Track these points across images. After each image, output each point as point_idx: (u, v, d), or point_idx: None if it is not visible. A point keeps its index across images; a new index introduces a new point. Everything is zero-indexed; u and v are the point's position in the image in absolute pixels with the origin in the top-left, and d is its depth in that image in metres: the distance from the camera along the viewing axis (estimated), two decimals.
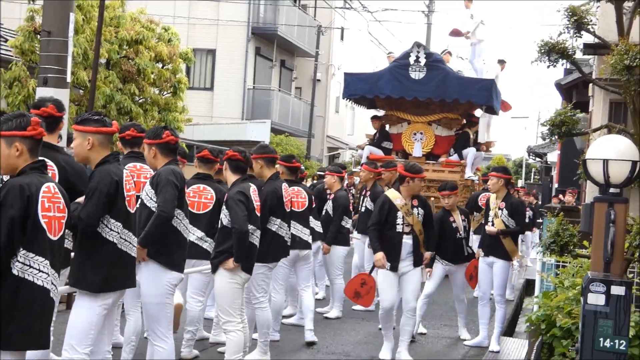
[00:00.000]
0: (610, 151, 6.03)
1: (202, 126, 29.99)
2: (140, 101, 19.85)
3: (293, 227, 9.21)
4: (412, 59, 17.30)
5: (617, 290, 5.52)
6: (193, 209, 7.94)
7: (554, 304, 7.36)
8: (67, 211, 4.86)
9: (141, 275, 6.42)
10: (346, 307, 11.54)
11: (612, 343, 5.52)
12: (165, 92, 20.66)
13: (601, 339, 5.53)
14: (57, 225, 4.73)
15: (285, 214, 8.43)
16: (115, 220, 5.55)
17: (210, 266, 7.41)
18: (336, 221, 10.91)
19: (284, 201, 8.38)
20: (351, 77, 18.28)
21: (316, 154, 38.13)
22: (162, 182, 6.41)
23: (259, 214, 7.51)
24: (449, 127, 17.89)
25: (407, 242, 8.83)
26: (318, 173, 16.95)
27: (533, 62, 8.47)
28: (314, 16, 39.33)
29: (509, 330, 12.18)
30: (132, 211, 5.76)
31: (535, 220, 21.02)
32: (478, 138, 18.35)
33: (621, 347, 5.51)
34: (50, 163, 5.99)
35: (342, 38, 42.48)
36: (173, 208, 6.40)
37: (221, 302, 7.26)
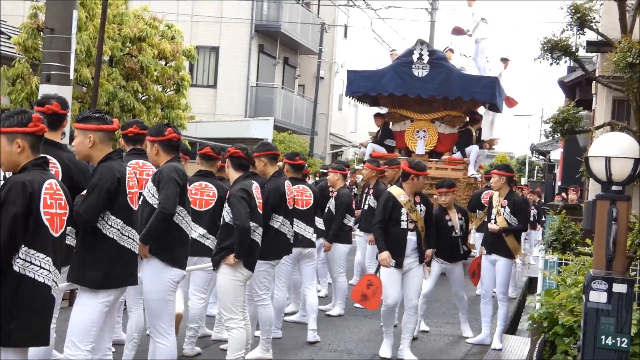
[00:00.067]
0: (612, 149, 6.01)
1: (205, 123, 30.02)
2: (143, 98, 19.87)
3: (296, 225, 9.20)
4: (416, 57, 17.27)
5: (619, 288, 5.51)
6: (195, 207, 7.92)
7: (556, 302, 7.33)
8: (69, 208, 4.86)
9: (143, 272, 6.43)
10: (348, 305, 11.54)
11: (614, 341, 5.50)
12: (168, 90, 20.67)
13: (603, 337, 5.51)
14: (59, 222, 4.72)
15: (287, 212, 8.43)
16: (115, 217, 5.55)
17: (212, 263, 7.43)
18: (338, 219, 10.89)
19: (287, 198, 8.38)
20: (354, 75, 18.25)
21: (319, 152, 38.14)
22: (164, 179, 6.41)
23: (262, 212, 7.52)
24: (452, 125, 17.86)
25: (412, 239, 8.84)
26: (321, 170, 16.95)
27: (536, 60, 8.46)
28: (318, 13, 39.34)
29: (512, 328, 12.18)
30: (135, 208, 5.77)
31: (540, 218, 21.01)
32: (481, 136, 18.34)
33: (623, 345, 5.49)
34: (53, 161, 5.99)
35: (346, 35, 42.47)
36: (174, 205, 6.40)
37: (223, 300, 7.27)
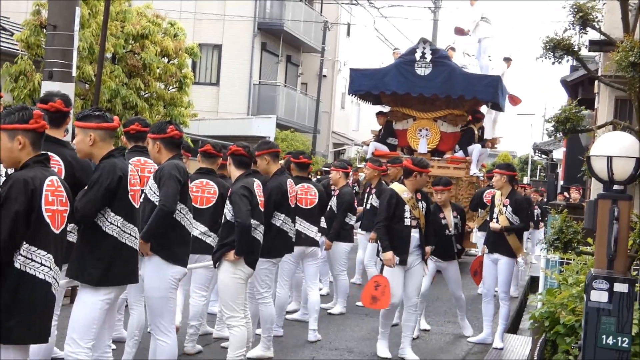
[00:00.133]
0: (614, 148, 6.00)
1: (208, 121, 30.04)
2: (145, 96, 19.87)
3: (299, 224, 9.20)
4: (418, 55, 17.23)
5: (620, 287, 5.49)
6: (196, 204, 7.91)
7: (558, 301, 7.31)
8: (70, 204, 4.86)
9: (144, 269, 6.43)
10: (349, 303, 11.55)
11: (615, 340, 5.49)
12: (170, 87, 20.67)
13: (604, 337, 5.50)
14: (60, 218, 4.72)
15: (289, 210, 8.43)
16: (115, 214, 5.55)
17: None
18: (339, 217, 10.84)
19: (289, 196, 8.38)
20: (357, 73, 18.22)
21: (321, 150, 38.14)
22: (165, 177, 6.41)
23: (263, 209, 7.51)
24: (455, 124, 17.84)
25: (415, 236, 8.84)
26: (323, 169, 16.94)
27: (538, 59, 8.47)
28: (320, 12, 39.34)
29: (513, 327, 12.16)
30: (136, 205, 5.77)
31: (544, 217, 20.95)
32: (484, 134, 18.32)
33: (624, 345, 5.48)
34: (56, 158, 6.00)
35: (349, 34, 42.49)
36: (174, 202, 6.39)
37: (224, 297, 7.26)
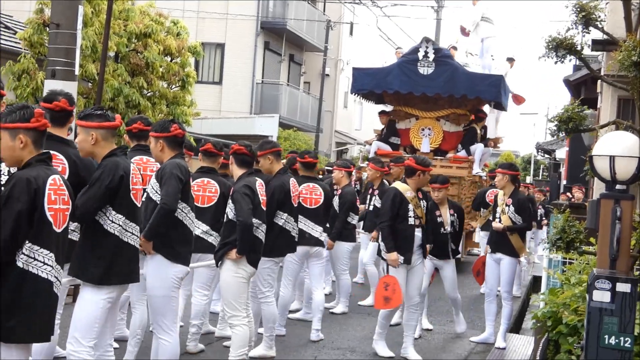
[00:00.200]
0: (617, 147, 5.99)
1: (211, 120, 30.02)
2: (148, 94, 19.85)
3: (304, 224, 9.21)
4: (421, 54, 17.21)
5: (623, 287, 5.49)
6: (197, 203, 7.90)
7: (560, 301, 7.31)
8: (72, 203, 4.86)
9: (147, 268, 6.43)
10: (352, 303, 11.56)
11: (618, 340, 5.49)
12: (173, 86, 20.65)
13: (606, 337, 5.50)
14: (62, 217, 4.72)
15: (292, 209, 8.42)
16: (117, 212, 5.54)
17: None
18: (341, 217, 10.80)
19: (292, 196, 8.37)
20: (359, 72, 18.19)
21: (324, 149, 38.10)
22: (166, 175, 6.41)
23: (266, 209, 7.51)
24: (457, 123, 17.83)
25: (418, 235, 8.83)
26: (326, 168, 16.93)
27: (541, 58, 8.45)
28: (323, 11, 39.32)
29: (516, 326, 12.17)
30: (138, 204, 5.77)
31: (547, 217, 20.91)
32: (486, 134, 18.31)
33: (626, 345, 5.48)
34: (60, 157, 6.01)
35: (351, 33, 42.44)
36: (176, 201, 6.39)
37: (226, 296, 7.27)
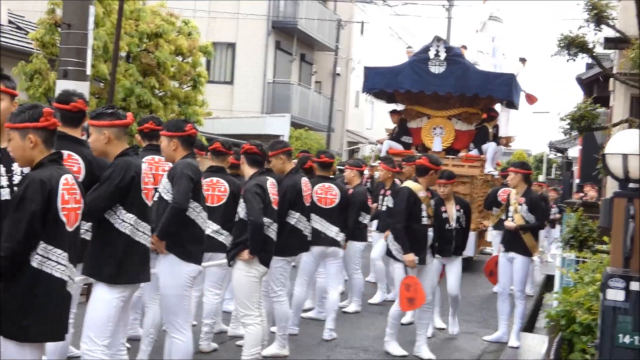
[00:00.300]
0: (629, 146, 5.95)
1: (222, 120, 30.03)
2: (160, 94, 19.90)
3: (319, 224, 9.21)
4: (432, 53, 17.19)
5: (637, 286, 5.45)
6: (207, 202, 7.82)
7: (574, 300, 7.28)
8: (83, 202, 4.87)
9: (159, 267, 6.44)
10: (364, 302, 11.54)
11: (632, 339, 5.46)
12: (185, 86, 20.70)
13: (620, 335, 5.47)
14: (74, 216, 4.74)
15: (304, 208, 8.42)
16: (127, 211, 5.53)
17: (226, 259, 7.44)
18: (353, 217, 10.78)
19: (303, 195, 8.37)
20: (371, 71, 18.17)
21: (336, 149, 38.08)
22: (177, 175, 6.42)
23: (278, 208, 7.51)
24: (469, 122, 17.80)
25: (430, 235, 8.81)
26: (337, 167, 16.91)
27: (553, 56, 8.44)
28: (334, 10, 39.26)
29: (529, 326, 12.12)
30: (150, 204, 5.77)
31: (562, 216, 20.80)
32: (498, 133, 18.27)
33: None
34: (75, 157, 6.03)
35: (362, 32, 42.38)
36: (187, 200, 6.39)
37: (239, 296, 7.27)
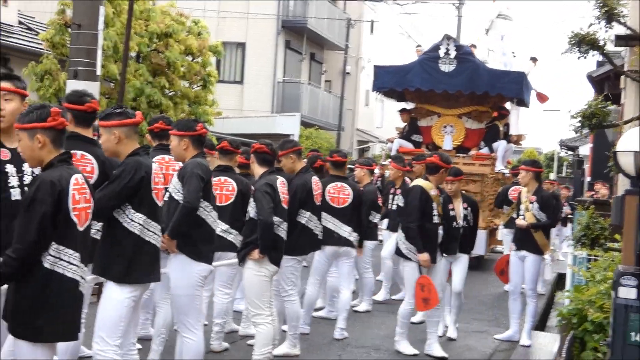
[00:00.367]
0: None
1: (232, 119, 30.06)
2: (170, 94, 19.94)
3: (332, 223, 9.20)
4: (442, 52, 17.15)
5: None
6: (216, 202, 7.89)
7: (586, 298, 7.26)
8: (93, 201, 4.88)
9: (170, 267, 6.44)
10: (375, 301, 11.53)
11: None
12: (195, 85, 20.73)
13: (632, 333, 5.45)
14: (85, 216, 4.74)
15: (315, 207, 8.40)
16: (136, 211, 5.51)
17: (236, 258, 7.44)
18: (363, 216, 10.73)
19: (314, 194, 8.36)
20: (381, 70, 18.14)
21: (346, 147, 38.07)
22: (187, 174, 6.42)
23: (288, 207, 7.51)
24: (479, 120, 17.76)
25: (440, 233, 8.81)
26: (348, 166, 16.90)
27: (564, 54, 8.41)
28: (344, 9, 39.26)
29: (541, 324, 12.09)
30: (160, 204, 5.77)
31: (573, 214, 20.72)
32: (509, 131, 18.22)
33: None
34: (89, 157, 6.05)
35: (372, 31, 42.35)
36: (197, 199, 6.39)
37: (250, 295, 7.28)
